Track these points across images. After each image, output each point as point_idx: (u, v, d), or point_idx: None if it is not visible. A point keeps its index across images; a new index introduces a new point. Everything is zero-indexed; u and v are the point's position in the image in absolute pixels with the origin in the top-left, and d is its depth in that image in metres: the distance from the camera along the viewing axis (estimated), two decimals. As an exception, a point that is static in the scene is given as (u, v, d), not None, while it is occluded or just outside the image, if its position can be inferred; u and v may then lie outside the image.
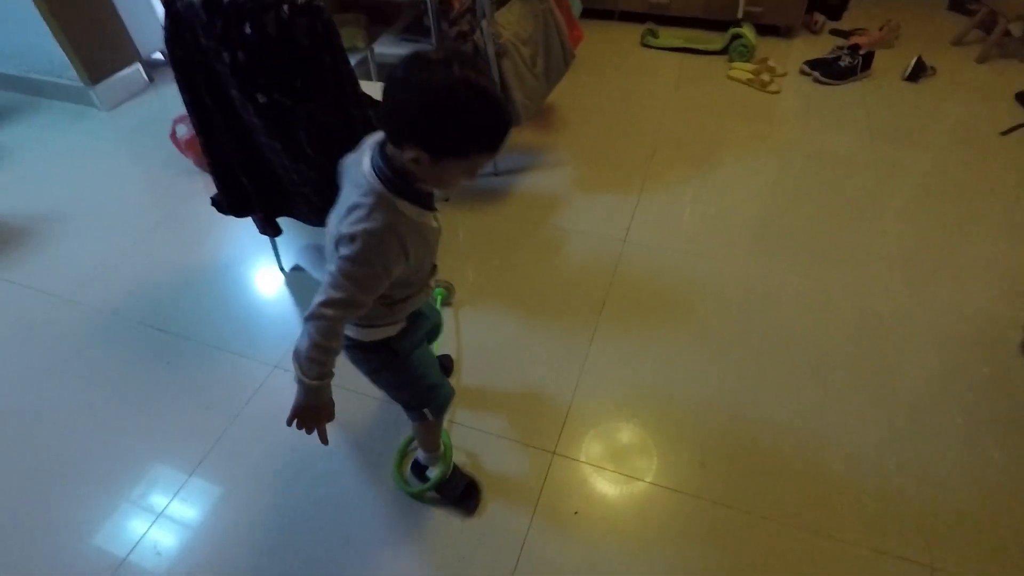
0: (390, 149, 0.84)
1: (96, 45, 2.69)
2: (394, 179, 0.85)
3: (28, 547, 1.30)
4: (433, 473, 1.32)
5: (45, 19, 2.51)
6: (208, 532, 1.32)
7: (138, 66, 2.91)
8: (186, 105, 1.48)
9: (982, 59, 2.92)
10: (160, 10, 2.89)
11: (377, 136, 0.90)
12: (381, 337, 1.04)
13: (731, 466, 1.39)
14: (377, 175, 0.85)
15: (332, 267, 0.85)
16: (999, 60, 2.93)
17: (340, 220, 0.87)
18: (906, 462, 1.38)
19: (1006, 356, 1.60)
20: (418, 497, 1.34)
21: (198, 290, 1.89)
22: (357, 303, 0.86)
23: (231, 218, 2.07)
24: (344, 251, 0.83)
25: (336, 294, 0.83)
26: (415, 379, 1.14)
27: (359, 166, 0.89)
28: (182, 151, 2.35)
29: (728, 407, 1.51)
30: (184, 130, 2.31)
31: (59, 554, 1.29)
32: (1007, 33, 2.90)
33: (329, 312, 0.83)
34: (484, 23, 1.82)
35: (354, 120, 1.41)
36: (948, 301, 1.75)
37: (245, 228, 2.06)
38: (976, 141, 2.41)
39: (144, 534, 1.31)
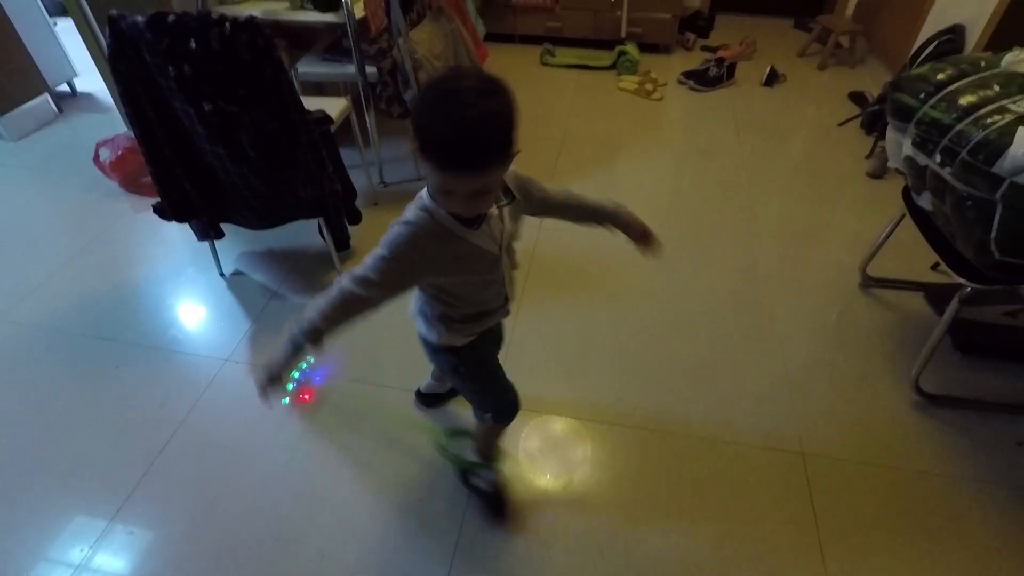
0: None
1: (1, 76, 2.66)
2: None
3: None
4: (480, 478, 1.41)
5: (-54, 50, 2.47)
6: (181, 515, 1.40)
7: (46, 96, 2.89)
8: (128, 117, 1.59)
9: (821, 66, 3.49)
10: (65, 42, 2.92)
11: None
12: (445, 343, 1.09)
13: (643, 398, 1.65)
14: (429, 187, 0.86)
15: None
16: (835, 67, 3.52)
17: None
18: (778, 379, 1.70)
19: (849, 293, 1.99)
20: (456, 463, 1.43)
21: (139, 300, 1.95)
22: (369, 283, 0.88)
23: (165, 233, 2.16)
24: (382, 238, 0.87)
25: (359, 269, 0.88)
26: (479, 387, 1.24)
27: None
28: (106, 174, 2.38)
29: (637, 352, 1.77)
30: (107, 153, 2.36)
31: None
32: (838, 45, 3.50)
33: (344, 281, 0.88)
34: (401, 41, 2.04)
35: (294, 124, 1.58)
36: (807, 257, 2.13)
37: (179, 242, 2.15)
38: (820, 131, 2.90)
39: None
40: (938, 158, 1.33)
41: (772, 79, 3.29)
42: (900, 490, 1.43)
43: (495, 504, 1.39)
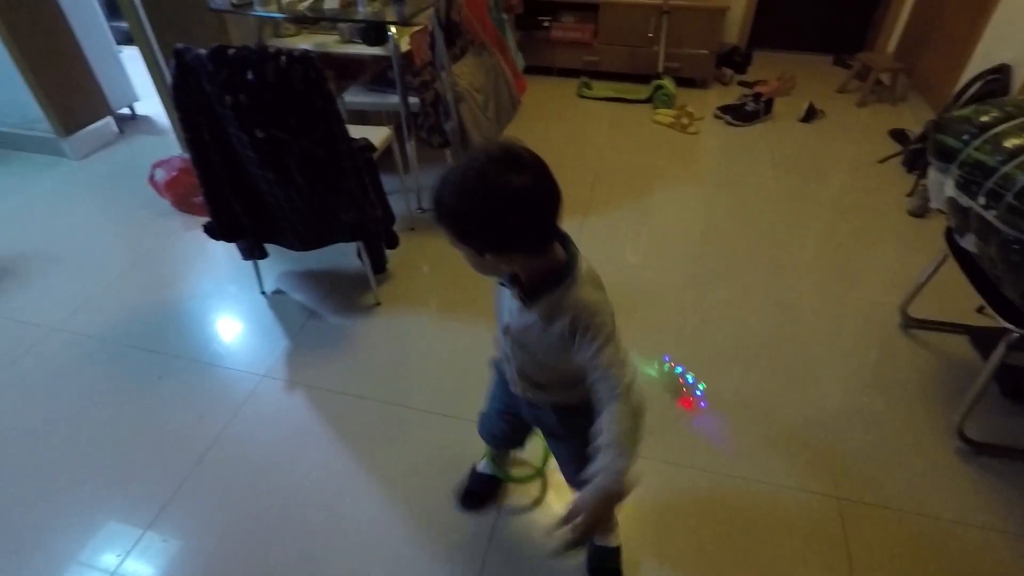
0: None
1: (70, 99, 2.85)
2: None
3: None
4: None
5: (23, 75, 2.66)
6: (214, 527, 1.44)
7: (109, 119, 3.07)
8: (186, 142, 1.68)
9: (861, 103, 3.46)
10: (129, 68, 3.10)
11: None
12: None
13: (673, 432, 1.63)
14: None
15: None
16: (875, 104, 3.49)
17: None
18: (813, 420, 1.66)
19: (889, 333, 1.94)
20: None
21: (184, 315, 2.03)
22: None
23: (211, 252, 2.25)
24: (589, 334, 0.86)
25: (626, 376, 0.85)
26: None
27: None
28: (160, 193, 2.50)
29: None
30: (162, 174, 2.48)
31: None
32: (879, 82, 3.47)
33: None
34: (443, 74, 2.12)
35: (339, 152, 1.65)
36: (845, 295, 2.10)
37: (224, 260, 2.24)
38: (860, 168, 2.87)
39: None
40: (982, 200, 1.31)
41: (810, 115, 3.28)
42: (941, 541, 1.38)
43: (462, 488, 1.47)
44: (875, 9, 3.91)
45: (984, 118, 1.38)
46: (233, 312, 2.06)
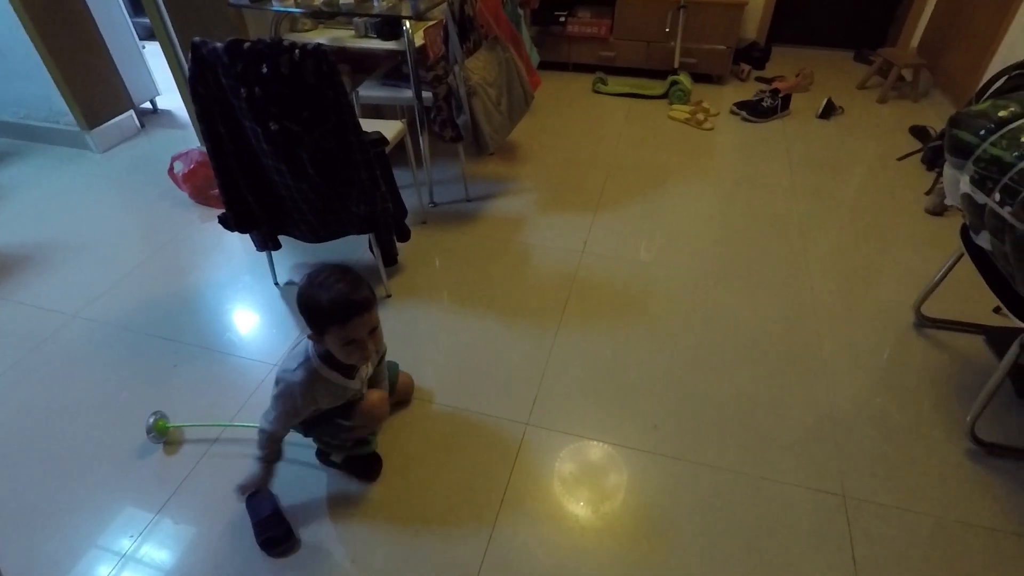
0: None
1: (95, 94, 2.92)
2: (324, 355, 1.28)
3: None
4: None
5: (50, 71, 2.73)
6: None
7: (131, 113, 3.14)
8: (202, 134, 1.72)
9: (882, 100, 3.41)
10: (151, 64, 3.16)
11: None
12: None
13: (680, 427, 1.63)
14: (311, 350, 1.29)
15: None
16: (896, 100, 3.43)
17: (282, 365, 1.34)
18: (823, 418, 1.64)
19: (902, 332, 1.91)
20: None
21: (199, 304, 2.07)
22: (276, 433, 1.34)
23: (227, 243, 2.29)
24: (273, 391, 1.32)
25: (264, 423, 1.33)
26: None
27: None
28: (179, 185, 2.55)
29: (676, 381, 1.76)
30: (181, 166, 2.53)
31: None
32: (900, 78, 3.41)
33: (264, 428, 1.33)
34: (456, 68, 2.13)
35: (351, 145, 1.67)
36: (860, 294, 2.07)
37: (240, 251, 2.28)
38: (878, 166, 2.82)
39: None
40: (997, 196, 1.28)
41: (829, 111, 3.23)
42: (948, 542, 1.36)
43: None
44: (898, 4, 3.84)
45: (1002, 113, 1.36)
46: (247, 302, 2.09)
